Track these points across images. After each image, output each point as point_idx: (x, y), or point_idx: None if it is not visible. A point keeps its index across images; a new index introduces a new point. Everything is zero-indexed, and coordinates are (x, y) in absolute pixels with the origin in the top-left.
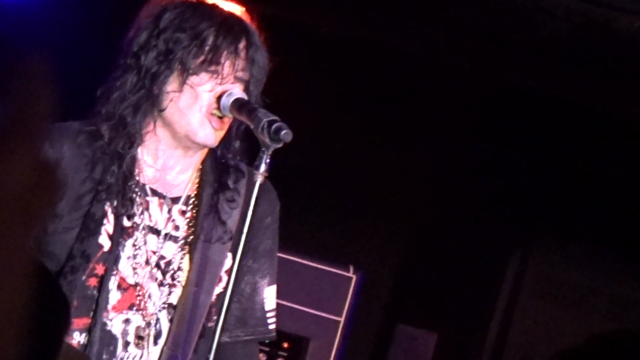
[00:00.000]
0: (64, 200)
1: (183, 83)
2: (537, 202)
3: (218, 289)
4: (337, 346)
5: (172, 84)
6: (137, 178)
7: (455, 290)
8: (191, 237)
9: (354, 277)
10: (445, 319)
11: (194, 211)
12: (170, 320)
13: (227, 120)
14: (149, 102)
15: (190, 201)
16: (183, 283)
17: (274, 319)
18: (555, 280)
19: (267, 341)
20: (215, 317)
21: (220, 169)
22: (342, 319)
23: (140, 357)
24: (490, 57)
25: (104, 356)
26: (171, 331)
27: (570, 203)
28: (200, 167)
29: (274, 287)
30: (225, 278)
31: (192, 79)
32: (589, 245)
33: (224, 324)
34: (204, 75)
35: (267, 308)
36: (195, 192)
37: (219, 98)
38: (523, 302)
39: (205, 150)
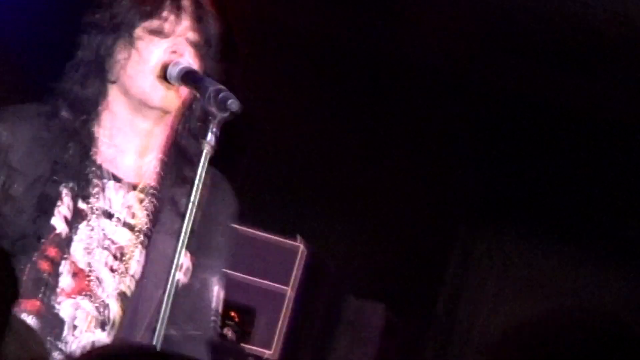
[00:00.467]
0: (17, 182)
1: (130, 48)
2: (486, 182)
3: None
4: (284, 316)
5: (120, 53)
6: (93, 157)
7: (404, 264)
8: (147, 227)
9: (301, 247)
10: (394, 291)
11: (153, 202)
12: (122, 309)
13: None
14: (98, 72)
15: (150, 191)
16: (134, 273)
17: (218, 322)
18: (502, 257)
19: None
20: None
21: (180, 162)
22: (289, 289)
23: (87, 341)
24: (464, 57)
25: (49, 338)
26: (121, 320)
27: (521, 185)
28: (161, 156)
29: (222, 288)
30: (179, 273)
31: (138, 44)
32: (535, 226)
33: (171, 316)
34: (149, 38)
35: (213, 307)
36: (154, 182)
37: (165, 68)
38: (471, 275)
39: (165, 135)
